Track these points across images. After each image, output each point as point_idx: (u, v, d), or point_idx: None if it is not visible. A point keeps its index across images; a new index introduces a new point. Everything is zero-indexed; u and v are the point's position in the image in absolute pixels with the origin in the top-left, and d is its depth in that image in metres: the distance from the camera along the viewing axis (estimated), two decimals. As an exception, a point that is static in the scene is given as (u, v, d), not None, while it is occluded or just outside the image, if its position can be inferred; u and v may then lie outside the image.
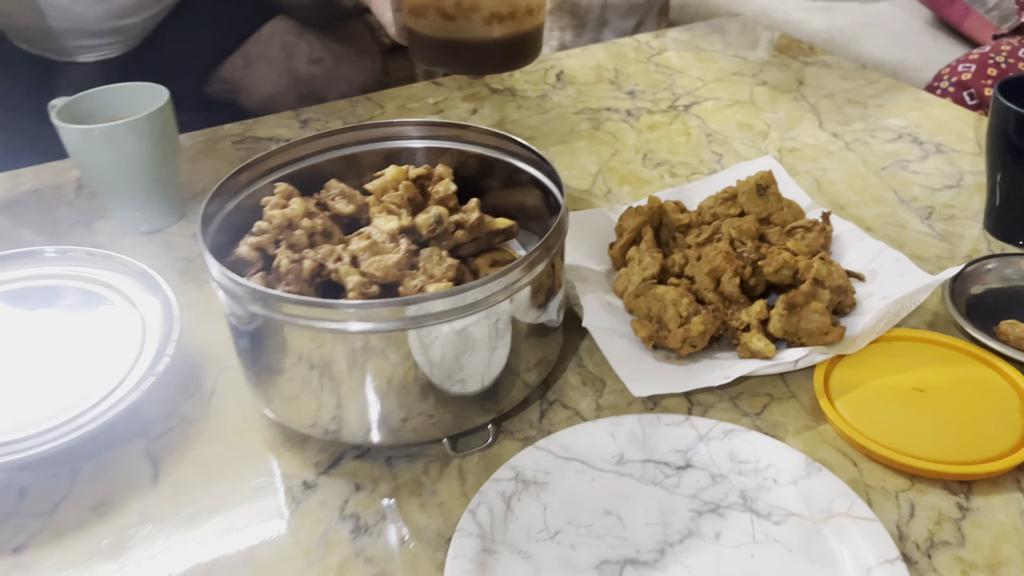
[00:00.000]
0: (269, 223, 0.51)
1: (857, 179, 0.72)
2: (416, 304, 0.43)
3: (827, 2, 1.35)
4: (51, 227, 0.71)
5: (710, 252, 0.55)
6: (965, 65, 0.96)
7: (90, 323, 0.56)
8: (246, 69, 0.94)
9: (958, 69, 0.96)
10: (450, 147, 0.59)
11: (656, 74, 0.92)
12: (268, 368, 0.47)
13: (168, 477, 0.48)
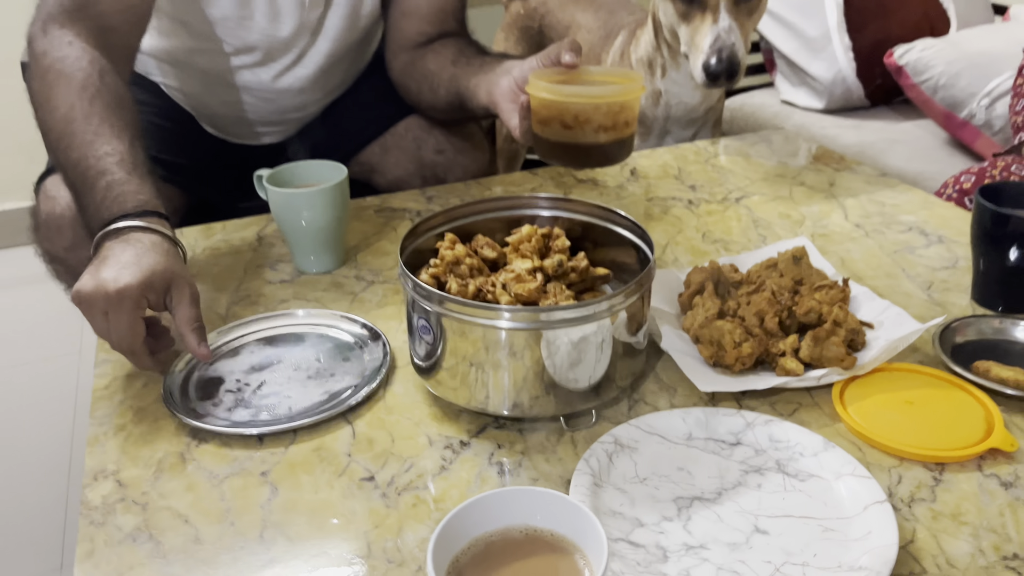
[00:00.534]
0: (442, 260, 0.72)
1: (873, 259, 0.91)
2: (548, 311, 0.63)
3: (858, 120, 1.57)
4: (243, 267, 0.93)
5: (757, 299, 0.74)
6: (967, 176, 1.16)
7: (326, 349, 0.78)
8: (383, 155, 1.18)
9: (960, 179, 1.16)
10: (565, 215, 0.80)
11: (712, 173, 1.13)
12: (437, 356, 0.67)
13: (363, 435, 0.68)
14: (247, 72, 1.10)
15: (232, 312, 0.85)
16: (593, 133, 0.82)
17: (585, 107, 0.81)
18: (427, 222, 0.77)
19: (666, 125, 1.34)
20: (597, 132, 0.82)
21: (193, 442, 0.67)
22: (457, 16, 1.14)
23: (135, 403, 0.72)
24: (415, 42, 1.12)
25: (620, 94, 0.81)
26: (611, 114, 0.81)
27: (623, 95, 0.81)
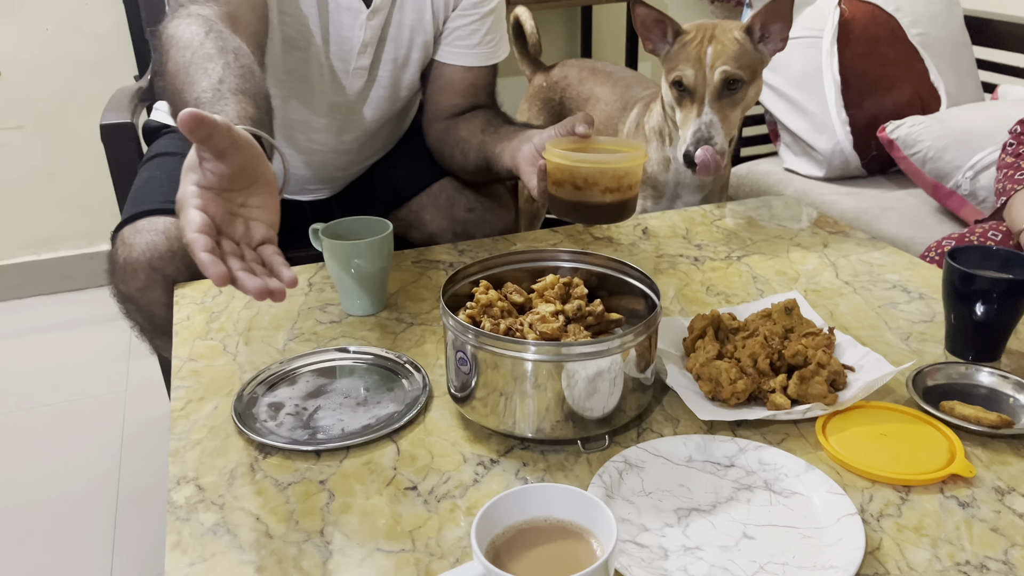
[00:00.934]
0: (477, 303, 0.84)
1: (859, 312, 1.02)
2: (568, 347, 0.74)
3: (856, 188, 1.69)
4: (297, 309, 1.05)
5: (751, 343, 0.85)
6: (948, 240, 1.27)
7: (372, 380, 0.89)
8: (419, 212, 1.30)
9: (942, 243, 1.27)
10: (583, 267, 0.91)
11: (717, 233, 1.25)
12: (472, 387, 0.78)
13: (406, 452, 0.78)
14: (301, 136, 1.24)
15: (288, 347, 0.96)
16: (600, 194, 0.96)
17: (593, 171, 0.95)
18: (464, 270, 0.88)
19: (676, 190, 1.46)
20: (604, 193, 0.96)
21: (260, 455, 0.78)
22: (488, 90, 1.29)
23: (208, 422, 0.83)
24: (449, 112, 1.27)
25: (624, 161, 0.96)
26: (616, 178, 0.96)
27: (626, 162, 0.96)
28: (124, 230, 1.12)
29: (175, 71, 0.86)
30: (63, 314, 2.20)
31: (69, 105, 2.20)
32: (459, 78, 1.26)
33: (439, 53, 1.25)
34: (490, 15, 1.24)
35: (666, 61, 1.32)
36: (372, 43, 1.19)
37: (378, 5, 1.16)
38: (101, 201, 2.30)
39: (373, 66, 1.22)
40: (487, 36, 1.25)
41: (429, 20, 1.21)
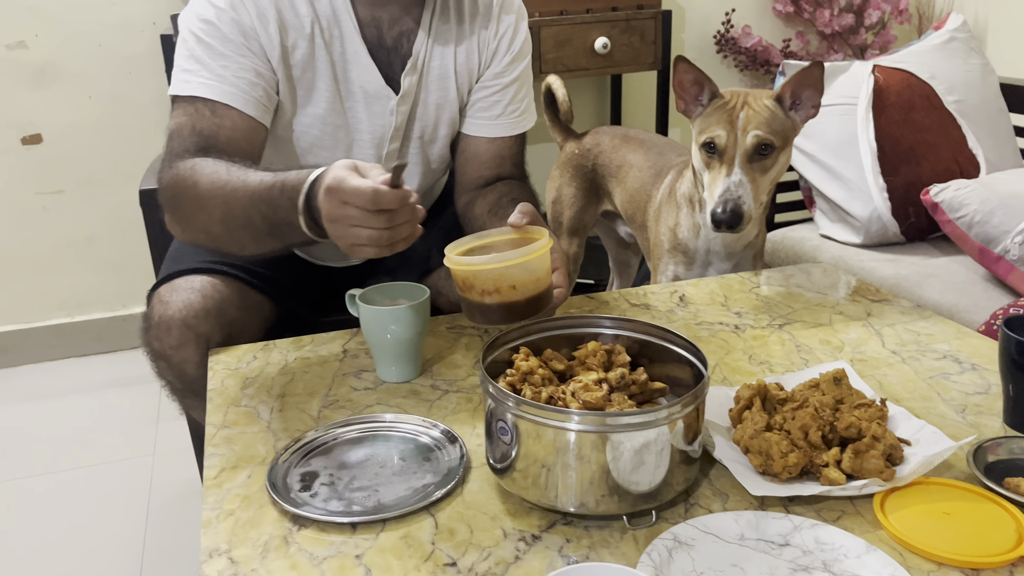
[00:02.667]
0: (517, 370, 0.82)
1: (910, 383, 0.98)
2: (614, 416, 0.71)
3: (895, 255, 1.67)
4: (331, 375, 1.03)
5: (801, 414, 0.82)
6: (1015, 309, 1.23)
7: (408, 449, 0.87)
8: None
9: (1010, 311, 1.24)
10: (624, 334, 0.89)
11: (756, 301, 1.23)
12: (512, 458, 0.75)
13: (444, 526, 0.75)
14: None
15: (323, 415, 0.94)
16: (479, 295, 0.92)
17: (464, 273, 0.91)
18: (503, 337, 0.87)
19: (707, 257, 1.44)
20: (482, 295, 0.92)
21: (294, 527, 0.76)
22: (514, 160, 1.30)
23: (241, 491, 0.81)
24: (475, 184, 1.27)
25: (494, 262, 0.89)
26: (491, 280, 0.90)
27: (495, 263, 0.89)
28: (160, 289, 1.12)
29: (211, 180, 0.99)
30: (94, 376, 2.21)
31: (108, 171, 2.25)
32: (484, 149, 1.27)
33: (464, 125, 1.27)
34: (512, 85, 1.25)
35: (698, 122, 1.33)
36: (402, 126, 1.21)
37: (406, 90, 1.18)
38: (135, 264, 2.33)
39: (403, 145, 1.24)
40: (510, 106, 1.26)
41: (454, 97, 1.23)
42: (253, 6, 1.08)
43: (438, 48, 1.19)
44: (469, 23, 1.20)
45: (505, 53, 1.23)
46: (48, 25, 2.10)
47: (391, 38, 1.16)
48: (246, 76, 1.08)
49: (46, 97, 2.15)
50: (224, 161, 1.02)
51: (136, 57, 2.17)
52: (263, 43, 1.09)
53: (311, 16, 1.11)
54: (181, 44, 1.10)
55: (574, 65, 2.22)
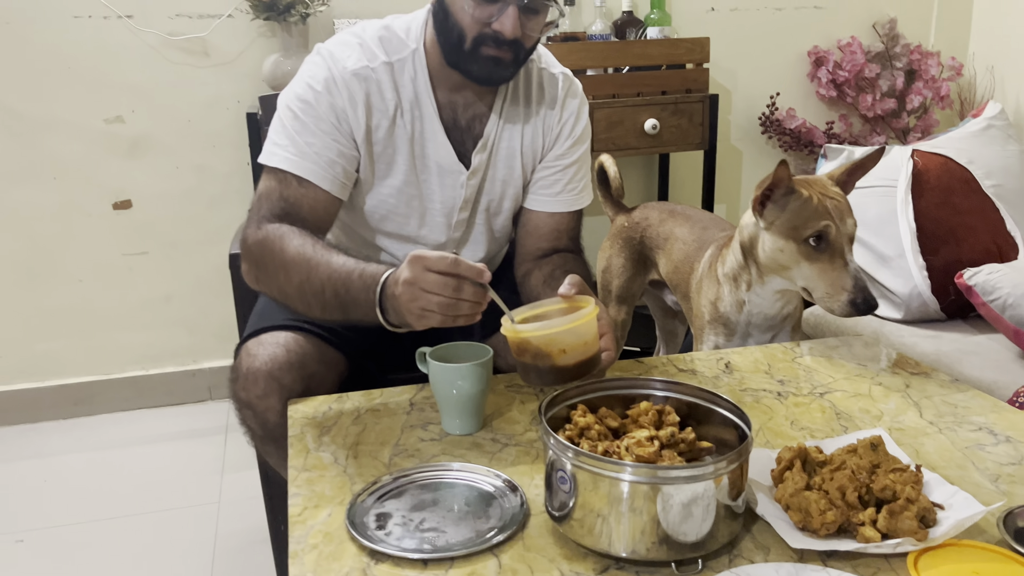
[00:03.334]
0: (575, 425, 0.90)
1: (945, 452, 1.04)
2: (665, 469, 0.79)
3: (935, 331, 1.72)
4: (400, 427, 1.12)
5: (839, 476, 0.88)
6: (1039, 387, 1.28)
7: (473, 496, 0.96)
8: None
9: (1032, 388, 1.29)
10: (674, 396, 0.97)
11: (799, 370, 1.29)
12: (570, 507, 0.83)
13: (507, 566, 0.83)
14: None
15: (394, 462, 1.03)
16: (532, 359, 1.04)
17: (519, 340, 1.03)
18: (562, 394, 0.95)
19: (748, 329, 1.51)
20: (535, 359, 1.03)
21: (372, 561, 0.84)
22: (571, 235, 1.40)
23: (323, 528, 0.90)
24: (534, 255, 1.38)
25: (545, 328, 1.01)
26: (543, 345, 1.02)
27: (546, 330, 1.00)
28: (248, 343, 1.23)
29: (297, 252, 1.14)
30: (165, 427, 2.33)
31: (188, 235, 2.42)
32: (543, 223, 1.38)
33: (526, 200, 1.39)
34: (572, 167, 1.37)
35: (784, 219, 1.34)
36: (471, 198, 1.33)
37: (476, 167, 1.31)
38: (207, 322, 2.48)
39: (471, 216, 1.36)
40: (569, 185, 1.37)
41: (519, 174, 1.35)
42: (346, 90, 1.22)
43: (507, 130, 1.32)
44: (536, 108, 1.33)
45: (567, 137, 1.35)
46: (144, 102, 2.30)
47: (465, 119, 1.30)
48: (328, 155, 1.22)
49: (138, 166, 2.34)
50: (311, 237, 1.16)
51: (220, 131, 2.36)
52: (351, 124, 1.23)
53: (395, 100, 1.25)
54: (277, 118, 1.25)
55: (625, 145, 2.34)
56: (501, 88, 1.30)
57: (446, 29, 1.20)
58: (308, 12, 2.20)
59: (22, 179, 2.28)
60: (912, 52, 2.72)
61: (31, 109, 2.24)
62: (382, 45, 1.25)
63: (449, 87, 1.27)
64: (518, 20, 1.17)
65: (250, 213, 1.24)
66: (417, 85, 1.26)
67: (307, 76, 1.23)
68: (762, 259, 1.39)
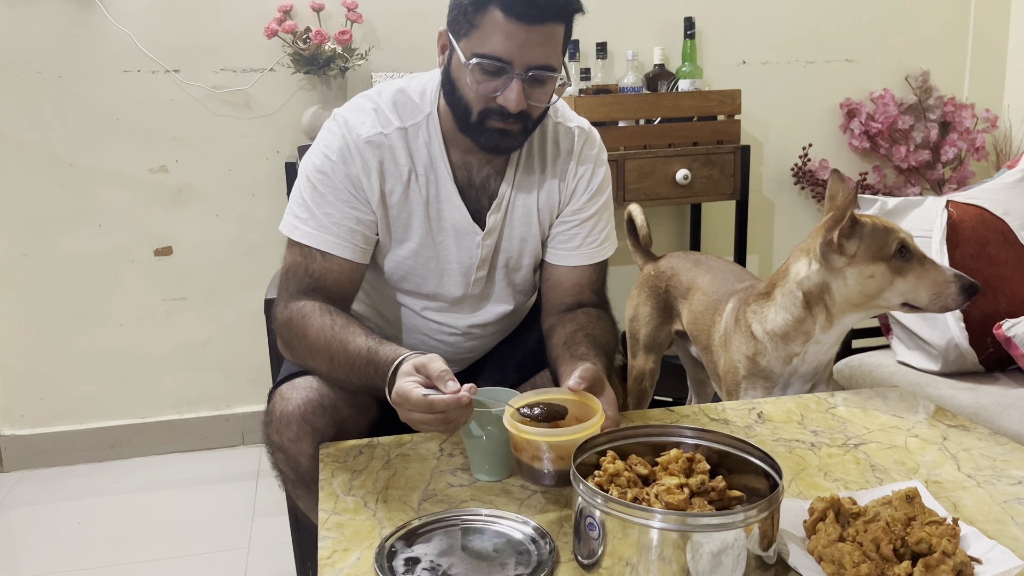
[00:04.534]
0: (604, 472, 0.90)
1: (984, 506, 1.01)
2: (695, 516, 0.78)
3: (973, 384, 1.69)
4: (429, 472, 1.13)
5: (873, 528, 0.87)
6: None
7: (501, 542, 0.96)
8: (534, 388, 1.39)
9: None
10: (704, 443, 0.96)
11: (832, 420, 1.28)
12: (599, 555, 0.82)
13: (534, 612, 0.82)
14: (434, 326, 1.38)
15: (423, 507, 1.03)
16: (528, 458, 1.05)
17: (517, 438, 1.03)
18: (592, 441, 0.95)
19: (789, 379, 1.50)
20: (531, 459, 1.04)
21: (399, 605, 0.84)
22: (593, 288, 1.39)
23: (352, 571, 0.90)
24: (557, 309, 1.38)
25: (547, 435, 1.01)
26: (541, 449, 1.02)
27: (546, 437, 1.01)
28: (282, 387, 1.25)
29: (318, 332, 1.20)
30: (197, 471, 2.36)
31: (226, 281, 2.47)
32: (564, 277, 1.38)
33: (546, 255, 1.39)
34: (590, 220, 1.36)
35: (864, 244, 1.36)
36: (488, 257, 1.35)
37: (491, 227, 1.33)
38: (242, 367, 2.51)
39: (489, 273, 1.37)
40: (588, 238, 1.37)
41: (536, 231, 1.36)
42: (360, 158, 1.25)
43: (522, 188, 1.33)
44: (552, 163, 1.34)
45: (584, 191, 1.35)
46: (188, 153, 2.38)
47: (480, 179, 1.31)
48: (347, 224, 1.26)
49: (180, 215, 2.41)
50: (329, 314, 1.21)
51: (260, 180, 2.43)
52: (366, 191, 1.26)
53: (409, 165, 1.27)
54: (297, 187, 1.29)
55: (656, 195, 2.36)
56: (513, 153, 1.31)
57: (453, 101, 1.22)
58: (347, 66, 2.27)
59: (70, 226, 2.36)
60: (946, 104, 2.73)
61: (80, 159, 2.33)
62: (396, 110, 1.27)
63: (463, 149, 1.29)
64: (522, 94, 1.16)
65: (279, 288, 1.29)
66: (431, 149, 1.28)
67: (323, 145, 1.27)
68: (844, 296, 1.38)
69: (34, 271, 2.36)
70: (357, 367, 1.15)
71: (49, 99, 2.28)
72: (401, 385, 1.04)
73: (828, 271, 1.38)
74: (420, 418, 1.03)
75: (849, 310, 1.40)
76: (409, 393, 1.02)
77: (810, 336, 1.43)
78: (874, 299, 1.37)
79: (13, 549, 1.99)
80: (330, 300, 1.25)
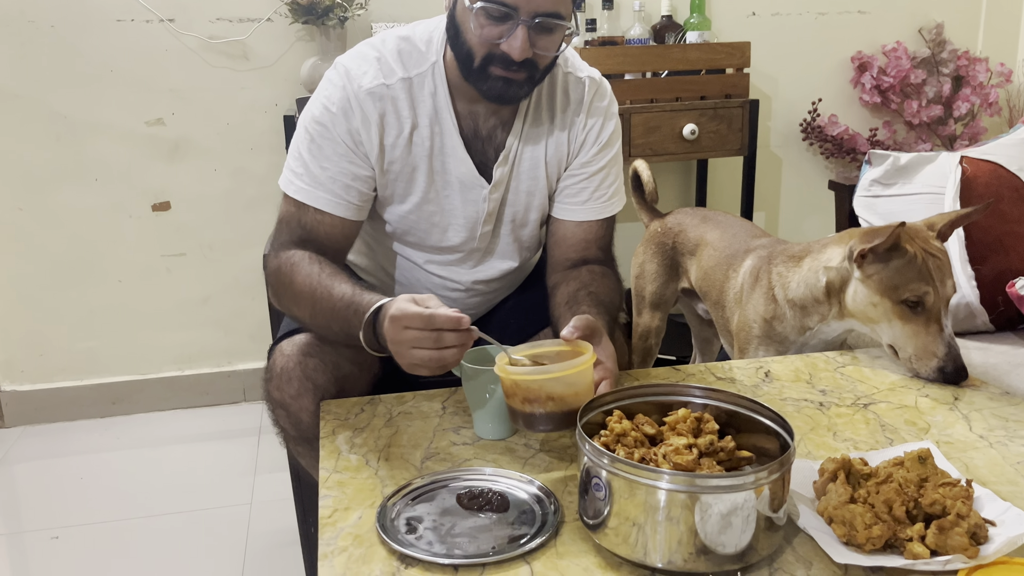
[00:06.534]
0: (611, 431, 0.88)
1: (996, 467, 1.00)
2: (703, 478, 0.77)
3: (984, 343, 1.66)
4: (432, 430, 1.11)
5: (885, 489, 0.85)
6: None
7: (509, 502, 0.94)
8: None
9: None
10: (713, 403, 0.94)
11: (841, 380, 1.26)
12: (605, 515, 0.81)
13: (540, 573, 0.81)
14: (438, 280, 1.35)
15: (425, 465, 1.02)
16: (520, 403, 0.98)
17: (508, 381, 0.97)
18: (598, 400, 0.93)
19: (802, 348, 1.47)
20: (523, 404, 0.97)
21: (402, 566, 0.82)
22: (600, 244, 1.36)
23: (353, 531, 0.89)
24: (563, 265, 1.34)
25: (535, 374, 0.95)
26: (531, 390, 0.95)
27: (535, 375, 0.95)
28: (282, 343, 1.23)
29: (304, 281, 1.16)
30: (199, 427, 2.35)
31: (225, 237, 2.44)
32: (571, 232, 1.34)
33: (553, 209, 1.35)
34: (599, 173, 1.32)
35: (884, 274, 1.26)
36: (494, 211, 1.31)
37: (498, 180, 1.29)
38: (243, 323, 2.49)
39: (495, 228, 1.34)
40: (596, 192, 1.33)
41: (543, 185, 1.32)
42: (360, 111, 1.21)
43: (530, 140, 1.29)
44: (560, 114, 1.30)
45: (593, 144, 1.31)
46: (184, 105, 2.33)
47: (486, 130, 1.27)
48: (343, 180, 1.22)
49: (177, 169, 2.37)
50: (318, 263, 1.17)
51: (259, 134, 2.38)
52: (366, 145, 1.22)
53: (411, 118, 1.23)
54: (295, 139, 1.25)
55: (662, 150, 2.32)
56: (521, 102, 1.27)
57: (457, 46, 1.18)
58: (346, 16, 2.21)
59: (66, 180, 2.32)
60: (959, 58, 2.66)
61: (75, 112, 2.28)
62: (400, 59, 1.23)
63: (469, 99, 1.24)
64: (527, 41, 1.11)
65: (272, 238, 1.26)
66: (437, 99, 1.23)
67: (323, 96, 1.23)
68: (850, 306, 1.33)
69: (31, 226, 2.33)
70: (337, 311, 1.11)
71: (41, 50, 2.23)
72: (400, 304, 1.00)
73: (849, 272, 1.32)
74: (413, 336, 0.98)
75: (852, 317, 1.34)
76: (408, 308, 0.98)
77: (824, 319, 1.39)
78: (868, 324, 1.31)
79: (16, 504, 1.99)
80: (321, 252, 1.22)
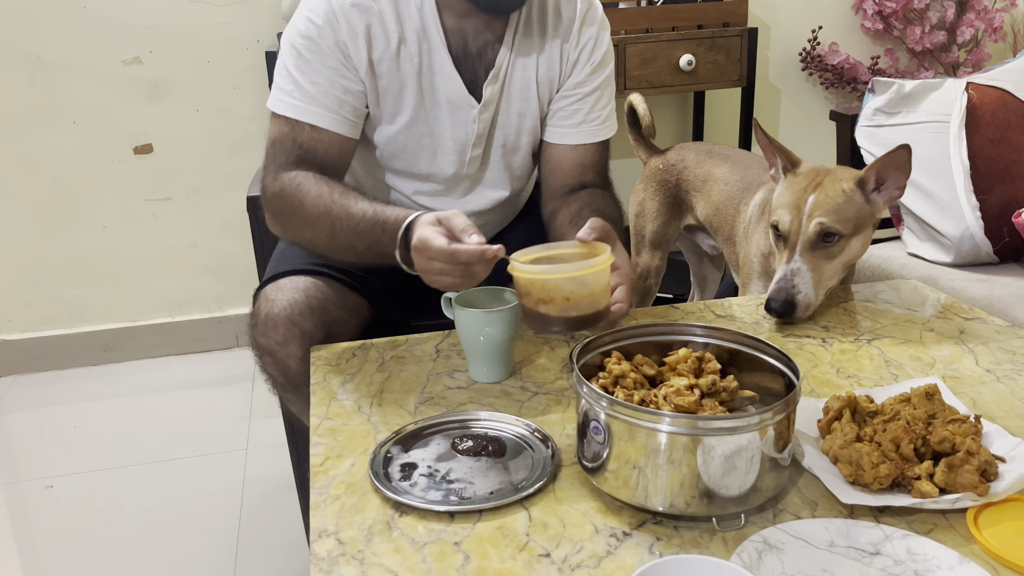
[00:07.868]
0: (610, 373, 0.85)
1: (1005, 402, 0.97)
2: (706, 420, 0.74)
3: (987, 275, 1.63)
4: (426, 374, 1.08)
5: (892, 427, 0.83)
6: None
7: (505, 447, 0.91)
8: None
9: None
10: (715, 342, 0.91)
11: (844, 315, 1.22)
12: (604, 458, 0.78)
13: (538, 520, 0.79)
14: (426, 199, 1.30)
15: (419, 410, 0.99)
16: (534, 303, 0.95)
17: (522, 280, 0.94)
18: (595, 341, 0.90)
19: None
20: (537, 303, 0.94)
21: (396, 513, 0.80)
22: (597, 168, 1.32)
23: (346, 479, 0.86)
24: (560, 192, 1.30)
25: (550, 272, 0.92)
26: (545, 290, 0.93)
27: (550, 274, 0.92)
28: (267, 288, 1.19)
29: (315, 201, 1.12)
30: (192, 374, 2.33)
31: (211, 180, 2.38)
32: (566, 157, 1.30)
33: (546, 133, 1.31)
34: (592, 94, 1.28)
35: (773, 199, 1.27)
36: (484, 134, 1.26)
37: (488, 99, 1.23)
38: (233, 269, 2.45)
39: (485, 153, 1.29)
40: (590, 115, 1.29)
41: (535, 106, 1.27)
42: (346, 22, 1.15)
43: (520, 59, 1.24)
44: (552, 33, 1.24)
45: (586, 64, 1.26)
46: (162, 43, 2.24)
47: (476, 47, 1.22)
48: (336, 94, 1.17)
49: (158, 110, 2.29)
50: (325, 183, 1.13)
51: (241, 72, 2.30)
52: (354, 59, 1.16)
53: (398, 31, 1.17)
54: (281, 58, 1.19)
55: (658, 82, 2.24)
56: (513, 14, 1.21)
57: None
58: (327, -55, 2.11)
59: (43, 123, 2.25)
60: (965, -20, 2.56)
61: (48, 52, 2.19)
62: None
63: (458, 13, 1.19)
64: None
65: (265, 161, 1.20)
66: (424, 13, 1.18)
67: (307, 10, 1.17)
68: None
69: (8, 171, 2.26)
70: (362, 230, 1.08)
71: (9, -15, 2.13)
72: (423, 232, 0.98)
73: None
74: (439, 267, 0.98)
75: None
76: (431, 240, 0.97)
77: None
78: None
79: (9, 453, 1.98)
80: (322, 172, 1.17)
